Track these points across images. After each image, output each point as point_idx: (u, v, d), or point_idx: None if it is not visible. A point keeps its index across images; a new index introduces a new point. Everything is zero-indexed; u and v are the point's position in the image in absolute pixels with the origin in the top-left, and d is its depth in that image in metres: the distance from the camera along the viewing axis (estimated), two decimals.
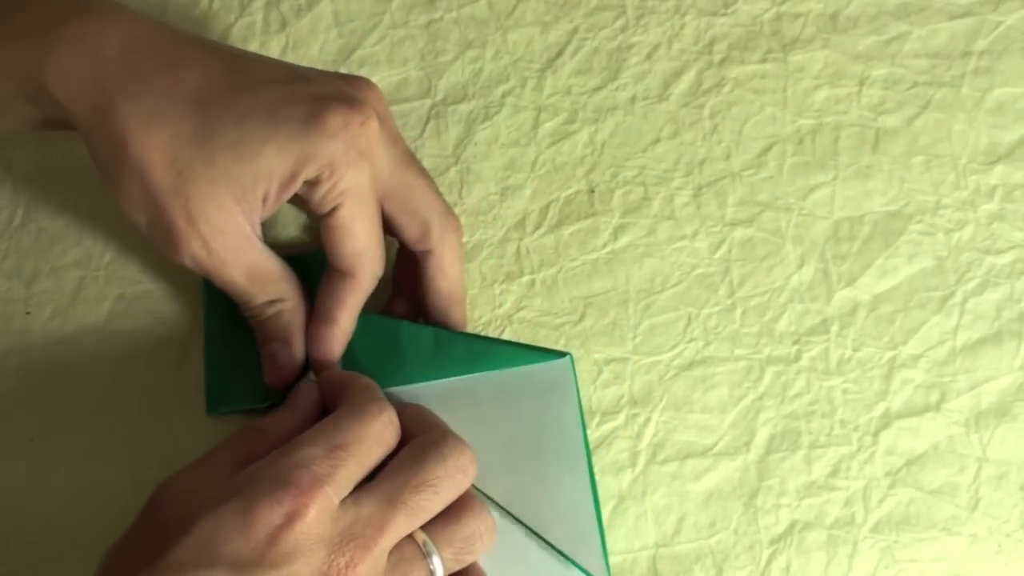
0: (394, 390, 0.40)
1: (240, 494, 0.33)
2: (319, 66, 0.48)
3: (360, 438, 0.35)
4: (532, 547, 0.38)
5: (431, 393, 0.40)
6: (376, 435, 0.35)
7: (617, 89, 0.48)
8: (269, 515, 0.32)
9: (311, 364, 0.40)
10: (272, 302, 0.40)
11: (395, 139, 0.40)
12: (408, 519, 0.34)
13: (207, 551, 0.32)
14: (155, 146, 0.36)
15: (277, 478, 0.33)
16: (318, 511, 0.33)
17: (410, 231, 0.40)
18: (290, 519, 0.32)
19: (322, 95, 0.37)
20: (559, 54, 0.48)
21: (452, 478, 0.35)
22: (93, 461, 0.41)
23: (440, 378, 0.40)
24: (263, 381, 0.40)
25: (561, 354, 0.40)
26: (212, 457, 0.36)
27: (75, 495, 0.41)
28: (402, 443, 0.37)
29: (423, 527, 0.35)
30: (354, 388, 0.37)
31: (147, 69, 0.37)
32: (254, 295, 0.39)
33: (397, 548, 0.34)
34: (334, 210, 0.38)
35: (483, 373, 0.40)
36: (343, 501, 0.34)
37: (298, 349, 0.40)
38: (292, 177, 0.37)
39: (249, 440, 0.37)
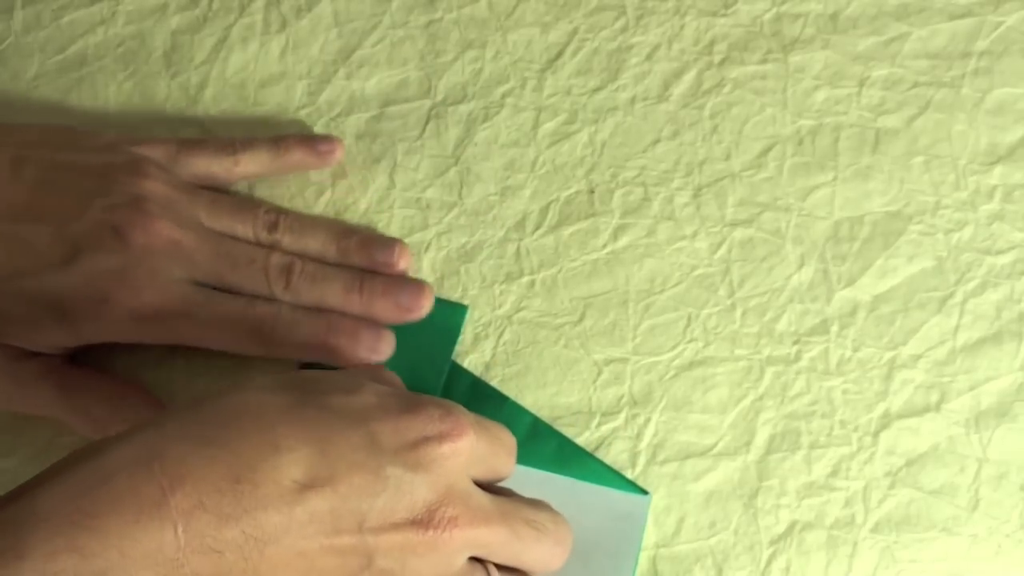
0: None
1: (407, 395, 0.34)
2: (319, 67, 0.48)
3: (501, 440, 0.36)
4: None
5: None
6: (508, 449, 0.36)
7: (617, 90, 0.48)
8: (427, 423, 0.33)
9: None
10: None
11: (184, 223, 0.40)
12: (508, 536, 0.34)
13: (361, 411, 0.33)
14: None
15: (444, 405, 0.34)
16: (465, 448, 0.34)
17: None
18: (442, 438, 0.33)
19: (99, 274, 0.38)
20: (559, 55, 0.48)
21: (554, 542, 0.36)
22: None
23: (524, 464, 0.40)
24: None
25: (643, 491, 0.41)
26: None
27: None
28: None
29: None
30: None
31: None
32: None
33: (471, 567, 0.35)
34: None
35: (563, 476, 0.41)
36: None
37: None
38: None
39: (376, 373, 0.38)
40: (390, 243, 0.43)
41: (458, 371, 0.43)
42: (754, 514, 0.41)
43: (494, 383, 0.43)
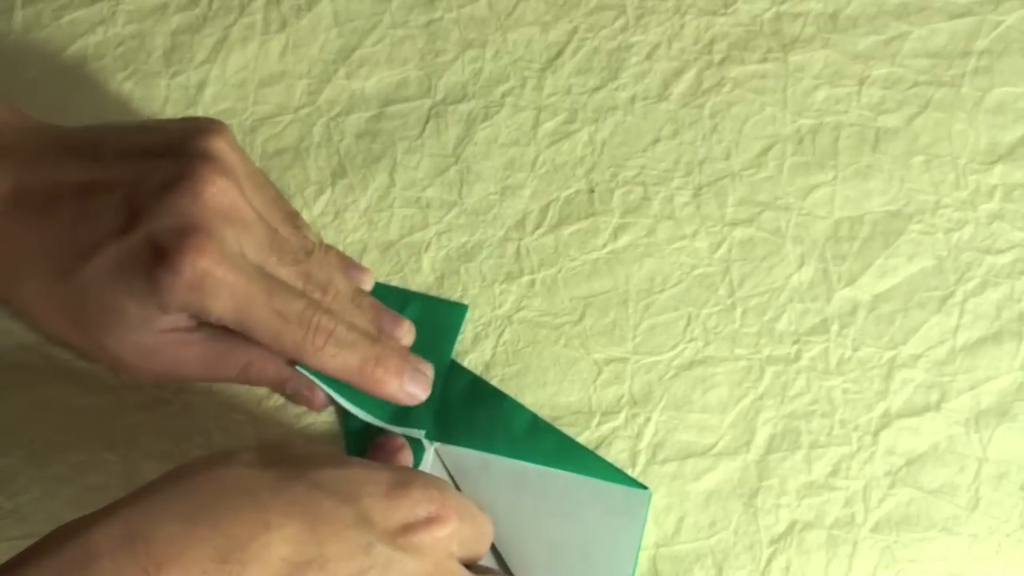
0: (474, 454, 0.41)
1: (394, 470, 0.34)
2: (319, 67, 0.48)
3: (482, 526, 0.36)
4: None
5: (510, 469, 0.41)
6: (488, 535, 0.36)
7: (617, 89, 0.48)
8: (416, 505, 0.33)
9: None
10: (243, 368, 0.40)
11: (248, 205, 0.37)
12: None
13: (351, 487, 0.32)
14: (45, 318, 0.38)
15: (432, 484, 0.34)
16: (452, 533, 0.33)
17: None
18: (431, 522, 0.33)
19: (159, 235, 0.35)
20: (559, 54, 0.48)
21: None
22: (92, 462, 0.41)
23: (523, 460, 0.41)
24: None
25: (642, 487, 0.41)
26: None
27: (74, 498, 0.41)
28: None
29: None
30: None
31: (16, 233, 0.37)
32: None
33: None
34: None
35: (562, 471, 0.41)
36: None
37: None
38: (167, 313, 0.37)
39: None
40: (399, 320, 0.42)
41: (458, 370, 0.43)
42: (754, 514, 0.41)
43: (494, 383, 0.43)
